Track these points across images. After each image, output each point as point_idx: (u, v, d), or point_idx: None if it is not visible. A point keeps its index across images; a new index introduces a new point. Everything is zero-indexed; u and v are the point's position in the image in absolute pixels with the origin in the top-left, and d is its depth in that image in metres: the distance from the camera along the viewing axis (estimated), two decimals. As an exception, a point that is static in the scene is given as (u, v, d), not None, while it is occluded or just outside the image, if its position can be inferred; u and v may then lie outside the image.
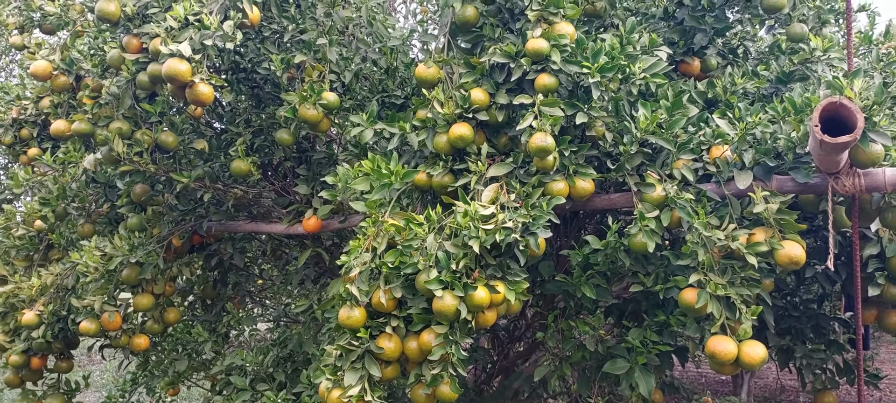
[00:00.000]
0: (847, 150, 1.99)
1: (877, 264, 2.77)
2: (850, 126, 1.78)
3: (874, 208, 2.52)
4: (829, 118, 1.82)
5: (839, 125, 1.83)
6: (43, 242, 4.56)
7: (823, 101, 1.75)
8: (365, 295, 2.65)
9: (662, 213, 2.63)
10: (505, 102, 2.80)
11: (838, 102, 1.72)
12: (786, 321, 3.31)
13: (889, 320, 3.00)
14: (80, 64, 3.68)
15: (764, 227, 2.48)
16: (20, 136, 5.07)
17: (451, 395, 2.63)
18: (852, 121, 1.73)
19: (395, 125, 3.00)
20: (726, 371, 2.48)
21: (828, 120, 1.84)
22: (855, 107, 1.72)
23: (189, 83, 2.72)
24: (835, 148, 1.80)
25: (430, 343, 2.59)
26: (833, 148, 1.80)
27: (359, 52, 3.66)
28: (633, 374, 2.95)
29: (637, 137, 2.71)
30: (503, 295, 2.62)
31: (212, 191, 3.58)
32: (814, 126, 1.77)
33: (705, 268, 2.46)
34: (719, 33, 3.52)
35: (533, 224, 2.57)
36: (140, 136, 3.40)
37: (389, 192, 2.87)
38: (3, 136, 5.11)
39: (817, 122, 1.77)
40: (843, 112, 1.75)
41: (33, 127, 5.13)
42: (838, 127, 1.85)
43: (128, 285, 3.84)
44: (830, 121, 1.84)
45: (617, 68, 2.67)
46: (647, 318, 3.02)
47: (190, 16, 2.79)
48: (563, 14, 2.77)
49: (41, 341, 3.99)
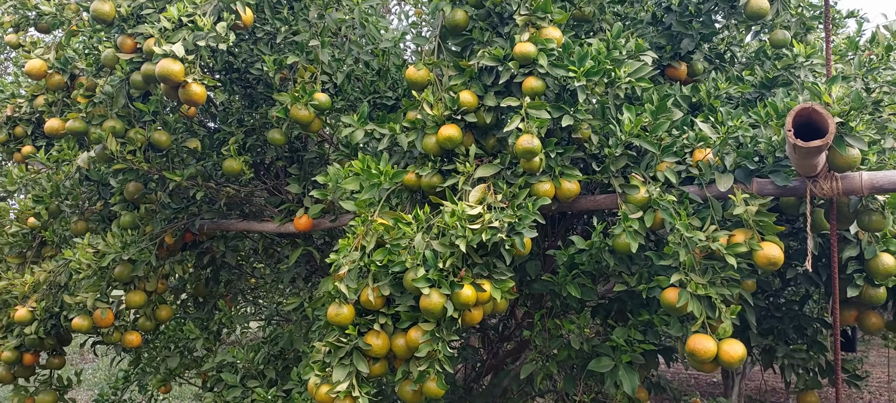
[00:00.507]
0: (822, 154, 2.05)
1: (856, 266, 2.83)
2: (823, 131, 1.83)
3: (852, 211, 2.58)
4: (804, 123, 1.88)
5: (813, 130, 1.89)
6: (36, 239, 4.59)
7: (796, 107, 1.81)
8: (354, 293, 2.70)
9: (646, 214, 2.69)
10: (493, 105, 2.86)
11: (811, 108, 1.78)
12: (768, 321, 3.37)
13: (869, 321, 3.06)
14: (75, 63, 3.72)
15: (744, 229, 2.54)
16: (14, 134, 5.10)
17: (438, 391, 2.68)
18: (824, 126, 1.79)
19: (386, 126, 3.05)
20: (706, 368, 2.53)
21: (803, 125, 1.90)
22: (827, 113, 1.78)
23: (182, 83, 2.76)
24: (807, 152, 1.85)
25: (418, 341, 2.64)
26: (806, 152, 1.85)
27: (351, 53, 3.70)
28: (618, 372, 3.00)
29: (622, 140, 2.76)
30: (489, 293, 2.67)
31: (204, 190, 3.62)
32: (787, 131, 1.83)
33: (686, 269, 2.52)
34: (706, 38, 3.58)
35: (519, 224, 2.62)
36: (133, 135, 3.44)
37: (379, 192, 2.92)
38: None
39: (790, 127, 1.82)
40: (816, 117, 1.81)
41: (27, 125, 5.16)
42: (812, 131, 1.90)
43: (120, 282, 3.88)
44: (805, 126, 1.90)
45: (602, 72, 2.72)
46: (632, 318, 3.07)
47: (184, 17, 2.83)
48: (551, 19, 2.82)
49: (33, 337, 4.02)
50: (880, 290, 2.82)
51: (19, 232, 4.55)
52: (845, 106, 2.33)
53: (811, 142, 1.78)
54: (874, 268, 2.75)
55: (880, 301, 2.83)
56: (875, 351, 10.94)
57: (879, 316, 3.07)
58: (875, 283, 2.82)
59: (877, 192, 2.43)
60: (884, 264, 2.73)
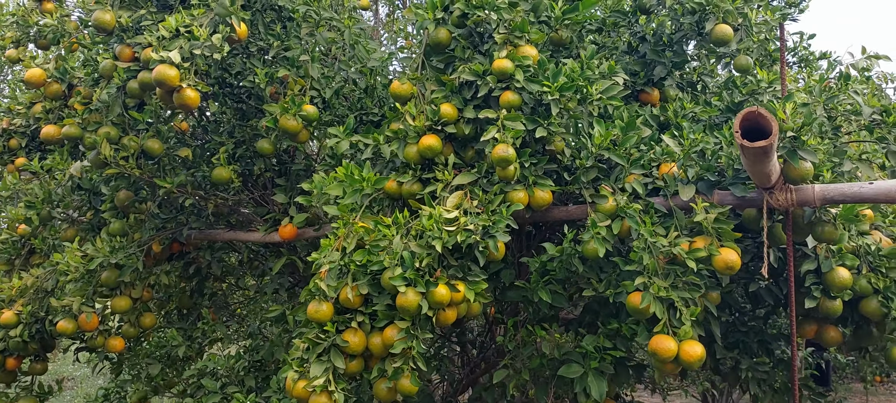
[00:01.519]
0: (773, 161, 2.21)
1: (813, 279, 2.97)
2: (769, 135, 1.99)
3: (806, 222, 2.73)
4: (752, 128, 2.04)
5: (762, 135, 2.05)
6: (25, 247, 4.67)
7: (744, 111, 1.97)
8: (333, 291, 2.81)
9: (613, 222, 2.83)
10: (472, 117, 3.02)
11: (757, 111, 1.94)
12: (733, 335, 3.50)
13: (827, 335, 3.19)
14: (74, 73, 3.87)
15: (704, 236, 2.69)
16: (9, 146, 5.23)
17: (412, 388, 2.78)
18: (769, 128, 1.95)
19: (370, 137, 3.20)
20: (668, 369, 2.65)
21: (752, 130, 2.05)
22: (771, 116, 1.94)
23: (177, 88, 2.91)
24: (755, 154, 2.01)
25: (393, 338, 2.75)
26: (753, 154, 2.01)
27: (340, 72, 3.87)
28: (587, 379, 3.11)
29: (592, 152, 2.92)
30: (463, 293, 2.79)
31: (193, 198, 3.74)
32: (735, 131, 1.99)
33: (650, 272, 2.65)
34: (677, 66, 3.78)
35: (493, 227, 2.76)
36: (127, 142, 3.57)
37: (361, 198, 3.05)
38: (-8, 145, 5.26)
39: (738, 129, 1.98)
40: (762, 122, 1.97)
41: (22, 137, 5.29)
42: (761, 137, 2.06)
43: (107, 287, 3.96)
44: (755, 132, 2.06)
45: (575, 88, 2.89)
46: (602, 327, 3.19)
47: (181, 27, 2.99)
48: (528, 38, 3.00)
49: (18, 340, 4.08)
50: (837, 302, 2.96)
51: (9, 239, 4.63)
52: (797, 121, 2.51)
53: (756, 142, 1.94)
54: (831, 281, 2.89)
55: (837, 313, 2.97)
56: (858, 400, 11.01)
57: (838, 331, 3.20)
58: (831, 295, 2.96)
59: (828, 203, 2.59)
60: (840, 277, 2.88)
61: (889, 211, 3.35)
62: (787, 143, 2.52)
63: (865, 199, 2.52)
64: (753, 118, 1.96)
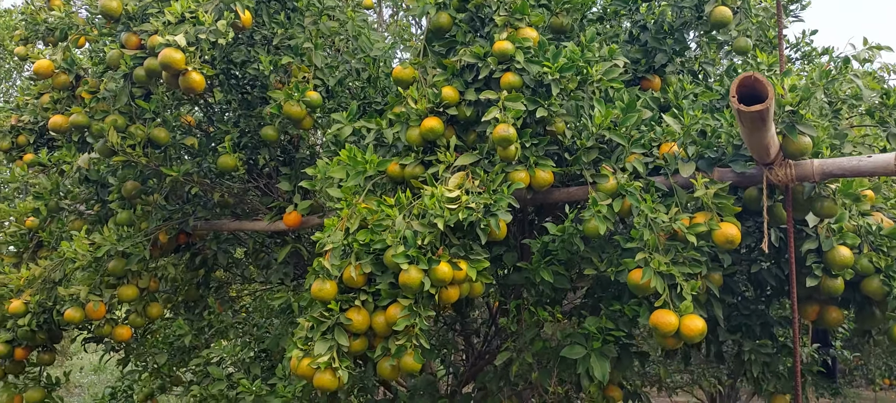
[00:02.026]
0: (769, 130, 2.23)
1: (814, 258, 2.99)
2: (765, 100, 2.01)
3: (806, 198, 2.75)
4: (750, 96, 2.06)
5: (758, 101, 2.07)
6: (33, 240, 4.72)
7: (740, 76, 2.00)
8: (337, 270, 2.84)
9: (614, 201, 2.85)
10: (473, 99, 3.05)
11: (753, 77, 1.97)
12: (736, 318, 3.51)
13: (829, 315, 3.20)
14: (81, 64, 3.92)
15: (705, 212, 2.71)
16: (17, 142, 5.29)
17: (415, 365, 2.80)
18: (765, 93, 1.97)
19: (373, 121, 3.24)
20: (669, 343, 2.67)
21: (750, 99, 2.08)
22: (766, 81, 1.97)
23: (182, 71, 2.95)
24: (751, 119, 2.03)
25: (396, 316, 2.78)
26: (750, 119, 2.03)
27: (344, 63, 3.92)
28: (589, 360, 3.12)
29: (593, 133, 2.95)
30: (465, 271, 2.81)
31: (199, 186, 3.78)
32: (732, 96, 2.01)
33: (650, 248, 2.67)
34: (678, 53, 3.80)
35: (494, 205, 2.79)
36: (134, 130, 3.61)
37: (364, 180, 3.08)
38: (1, 142, 5.34)
39: (734, 93, 2.01)
40: (758, 87, 1.99)
41: (30, 134, 5.35)
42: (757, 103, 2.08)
43: (114, 276, 4.00)
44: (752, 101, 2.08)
45: (575, 68, 2.92)
46: (604, 309, 3.21)
47: (186, 13, 3.04)
48: (528, 21, 3.03)
49: (26, 329, 4.12)
50: (838, 281, 2.97)
51: (17, 232, 4.68)
52: (796, 96, 2.53)
53: (752, 106, 1.96)
54: (832, 260, 2.90)
55: (838, 291, 2.98)
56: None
57: (839, 311, 3.21)
58: (833, 274, 2.97)
59: (827, 177, 2.61)
60: (841, 256, 2.89)
61: (891, 194, 3.37)
62: (785, 118, 2.54)
63: (863, 173, 2.54)
64: (750, 84, 1.99)
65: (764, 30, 3.63)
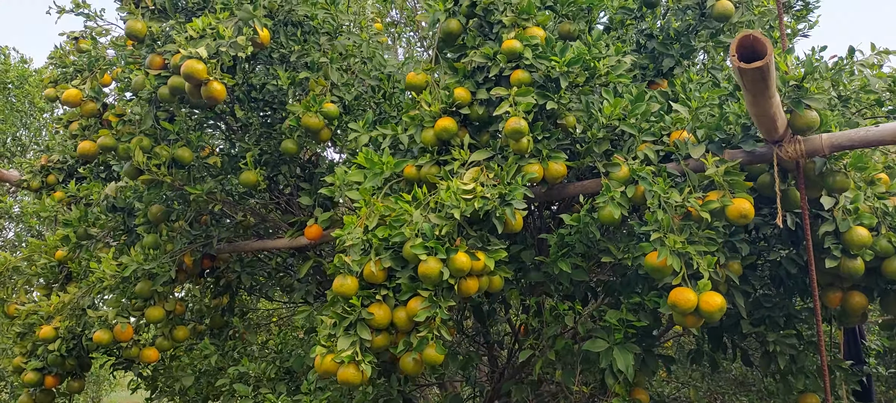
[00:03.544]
0: (773, 95, 2.28)
1: (832, 240, 2.99)
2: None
3: (818, 174, 2.77)
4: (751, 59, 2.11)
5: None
6: (63, 272, 4.85)
7: (739, 35, 2.06)
8: (358, 266, 2.90)
9: (628, 188, 2.90)
10: (485, 98, 3.13)
11: (752, 36, 2.03)
12: (759, 311, 3.49)
13: (852, 301, 3.18)
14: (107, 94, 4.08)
15: (717, 190, 2.74)
16: (47, 182, 5.48)
17: (437, 357, 2.83)
18: (764, 52, 2.03)
19: (388, 127, 3.33)
20: (689, 322, 2.67)
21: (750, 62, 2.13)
22: (765, 39, 2.02)
23: (204, 81, 3.08)
24: (752, 77, 2.08)
25: (417, 309, 2.81)
26: (751, 78, 2.08)
27: (359, 82, 4.04)
28: (612, 353, 3.12)
29: (603, 123, 3.01)
30: (483, 261, 2.86)
31: (221, 204, 3.88)
32: (732, 55, 2.07)
33: (665, 229, 2.70)
34: (685, 57, 3.88)
35: (509, 195, 2.84)
36: (159, 150, 3.74)
37: (381, 181, 3.16)
38: (32, 181, 5.52)
39: (734, 53, 2.06)
40: (758, 47, 2.05)
41: (59, 173, 5.54)
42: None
43: (141, 298, 4.09)
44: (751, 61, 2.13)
45: (582, 62, 3.00)
46: (624, 301, 3.22)
47: (207, 28, 3.18)
48: (535, 21, 3.14)
49: (56, 355, 4.20)
50: (858, 261, 2.96)
51: (47, 264, 4.81)
52: (800, 71, 2.59)
53: (753, 62, 2.01)
54: (850, 240, 2.91)
55: (859, 272, 2.97)
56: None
57: (862, 296, 3.19)
58: (852, 254, 2.97)
59: (837, 150, 2.63)
60: (858, 235, 2.90)
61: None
62: (791, 93, 2.59)
63: (872, 142, 2.57)
64: (749, 44, 2.04)
65: (763, 24, 3.69)
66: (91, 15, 4.63)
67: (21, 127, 10.46)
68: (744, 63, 2.00)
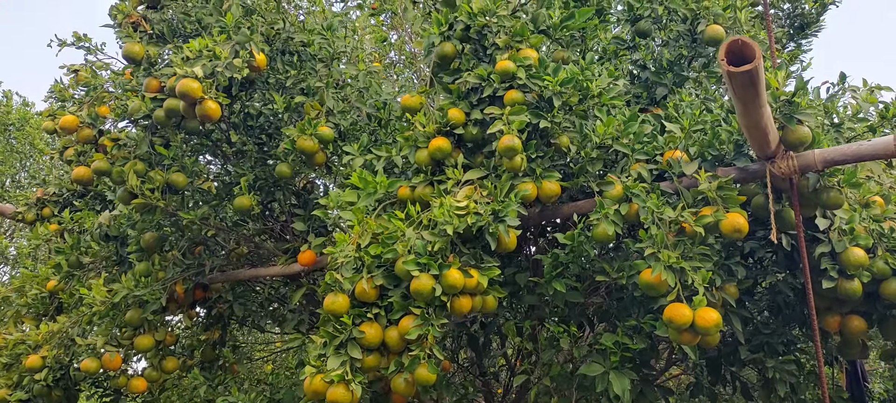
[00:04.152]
0: (764, 105, 2.28)
1: (829, 261, 2.96)
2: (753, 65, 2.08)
3: (811, 191, 2.76)
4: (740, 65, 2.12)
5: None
6: (54, 303, 4.79)
7: (727, 40, 2.08)
8: (349, 283, 2.86)
9: (621, 205, 2.88)
10: (479, 118, 3.14)
11: (740, 40, 2.04)
12: (757, 337, 3.44)
13: (851, 325, 3.13)
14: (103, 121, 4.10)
15: (710, 205, 2.73)
16: (42, 214, 5.46)
17: (430, 377, 2.77)
18: (752, 55, 2.04)
19: (382, 148, 3.33)
20: (685, 339, 2.63)
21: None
22: (754, 43, 2.04)
23: (199, 99, 3.09)
24: (742, 81, 2.09)
25: (409, 326, 2.77)
26: (740, 82, 2.09)
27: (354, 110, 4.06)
28: (608, 376, 3.06)
29: (596, 142, 3.01)
30: (476, 278, 2.82)
31: (215, 230, 3.86)
32: (720, 59, 2.08)
33: (659, 244, 2.68)
34: (679, 85, 3.92)
35: (502, 211, 2.83)
36: (153, 175, 3.73)
37: (374, 202, 3.15)
38: (27, 214, 5.50)
39: (723, 57, 2.08)
40: (747, 52, 2.06)
41: (54, 205, 5.53)
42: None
43: (130, 327, 4.03)
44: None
45: (574, 81, 3.02)
46: (620, 325, 3.17)
47: (204, 50, 3.21)
48: (528, 43, 3.17)
49: (42, 386, 4.12)
50: (855, 282, 2.93)
51: (38, 295, 4.75)
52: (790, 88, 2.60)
53: (741, 66, 2.02)
54: (846, 260, 2.88)
55: (856, 294, 2.93)
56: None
57: (861, 320, 3.14)
58: (848, 275, 2.94)
59: (829, 165, 2.63)
60: (855, 256, 2.88)
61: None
62: (782, 107, 2.60)
63: (864, 156, 2.57)
64: (737, 49, 2.06)
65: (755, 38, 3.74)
66: (92, 48, 4.69)
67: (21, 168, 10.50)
68: (733, 67, 2.01)
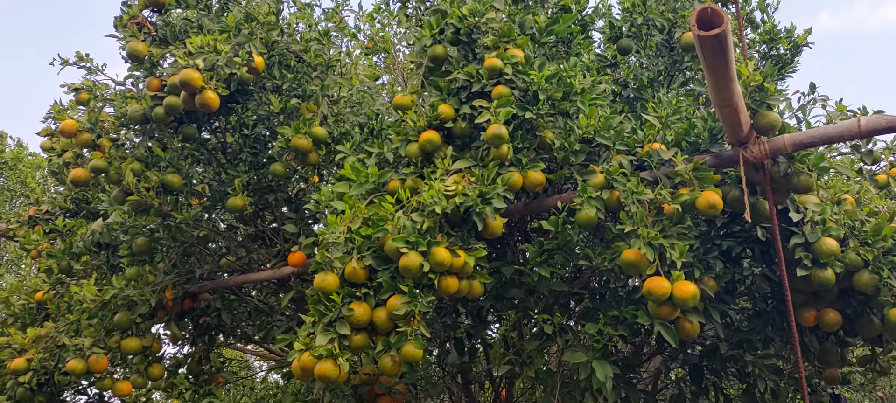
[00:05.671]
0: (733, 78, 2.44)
1: (802, 252, 3.08)
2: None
3: (783, 176, 2.90)
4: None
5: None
6: (41, 313, 4.79)
7: (698, 8, 2.24)
8: (340, 263, 2.93)
9: (603, 192, 3.01)
10: (468, 113, 3.29)
11: (710, 8, 2.21)
12: (737, 335, 3.51)
13: (827, 317, 3.23)
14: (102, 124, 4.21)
15: (687, 187, 2.85)
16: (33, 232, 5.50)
17: (417, 353, 2.82)
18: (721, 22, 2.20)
19: (374, 144, 3.46)
20: (664, 312, 2.71)
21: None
22: (722, 12, 2.20)
23: (199, 88, 3.22)
24: (712, 46, 2.24)
25: (397, 304, 2.83)
26: (710, 46, 2.24)
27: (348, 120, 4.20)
28: (591, 364, 3.12)
29: (579, 135, 3.16)
30: (463, 258, 2.91)
31: (207, 231, 3.93)
32: (691, 25, 2.23)
33: (639, 222, 2.79)
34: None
35: (488, 193, 2.94)
36: (149, 174, 3.82)
37: (365, 192, 3.25)
38: (18, 231, 5.54)
39: (694, 22, 2.23)
40: (716, 20, 2.23)
41: (46, 224, 5.57)
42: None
43: (119, 329, 4.04)
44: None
45: (558, 77, 3.18)
46: (602, 315, 3.25)
47: (205, 45, 3.36)
48: (515, 43, 3.35)
49: (25, 390, 4.09)
50: (828, 272, 3.04)
51: (25, 306, 4.76)
52: (760, 74, 2.77)
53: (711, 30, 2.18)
54: (819, 250, 3.00)
55: (830, 282, 3.03)
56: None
57: (836, 313, 3.24)
58: (822, 263, 3.05)
59: (798, 148, 2.78)
60: (827, 245, 3.00)
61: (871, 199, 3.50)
62: (752, 93, 2.77)
63: (832, 138, 2.72)
64: (707, 18, 2.22)
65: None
66: (93, 69, 4.84)
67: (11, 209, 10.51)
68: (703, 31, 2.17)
